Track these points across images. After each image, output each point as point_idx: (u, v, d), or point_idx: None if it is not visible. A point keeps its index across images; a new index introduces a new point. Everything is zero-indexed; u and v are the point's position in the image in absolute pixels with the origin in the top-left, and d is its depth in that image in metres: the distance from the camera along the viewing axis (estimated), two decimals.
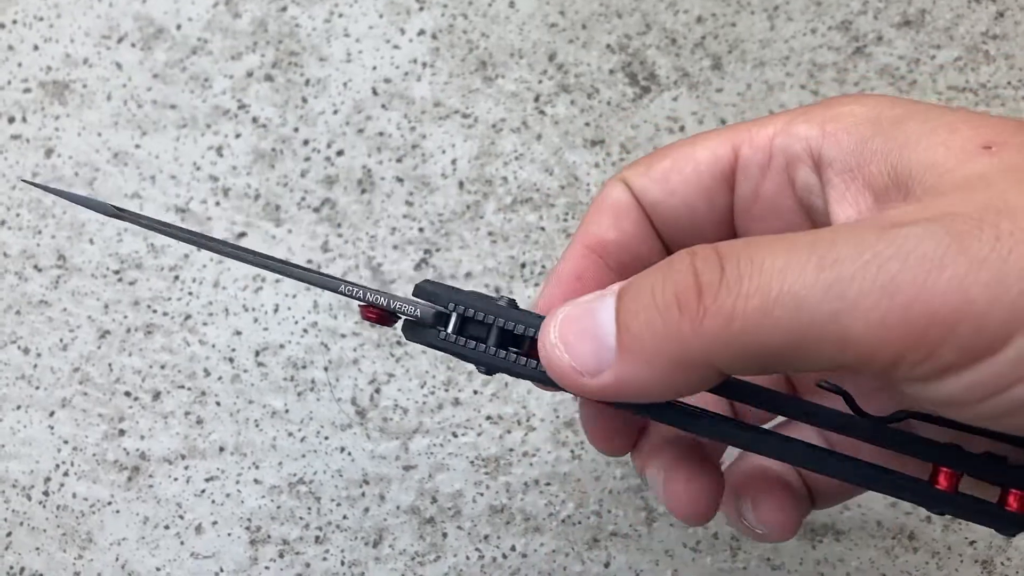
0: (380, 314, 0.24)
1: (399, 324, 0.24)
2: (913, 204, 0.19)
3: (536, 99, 0.38)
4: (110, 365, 0.38)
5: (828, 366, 0.18)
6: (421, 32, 0.39)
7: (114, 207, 0.25)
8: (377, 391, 0.37)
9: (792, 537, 0.25)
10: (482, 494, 0.37)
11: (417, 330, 0.23)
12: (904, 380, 0.18)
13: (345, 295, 0.24)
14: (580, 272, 0.25)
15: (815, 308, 0.17)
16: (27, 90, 0.39)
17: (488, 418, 0.37)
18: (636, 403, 0.21)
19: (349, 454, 0.37)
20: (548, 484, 0.37)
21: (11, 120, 0.39)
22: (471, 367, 0.37)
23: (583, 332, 0.20)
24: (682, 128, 0.38)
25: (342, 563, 0.36)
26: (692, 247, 0.20)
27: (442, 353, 0.24)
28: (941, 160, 0.19)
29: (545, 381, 0.22)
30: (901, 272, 0.17)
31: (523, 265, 0.38)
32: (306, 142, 0.39)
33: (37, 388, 0.38)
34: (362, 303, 0.24)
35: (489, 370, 0.23)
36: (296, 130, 0.39)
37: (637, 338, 0.19)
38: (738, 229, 0.25)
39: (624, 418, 0.26)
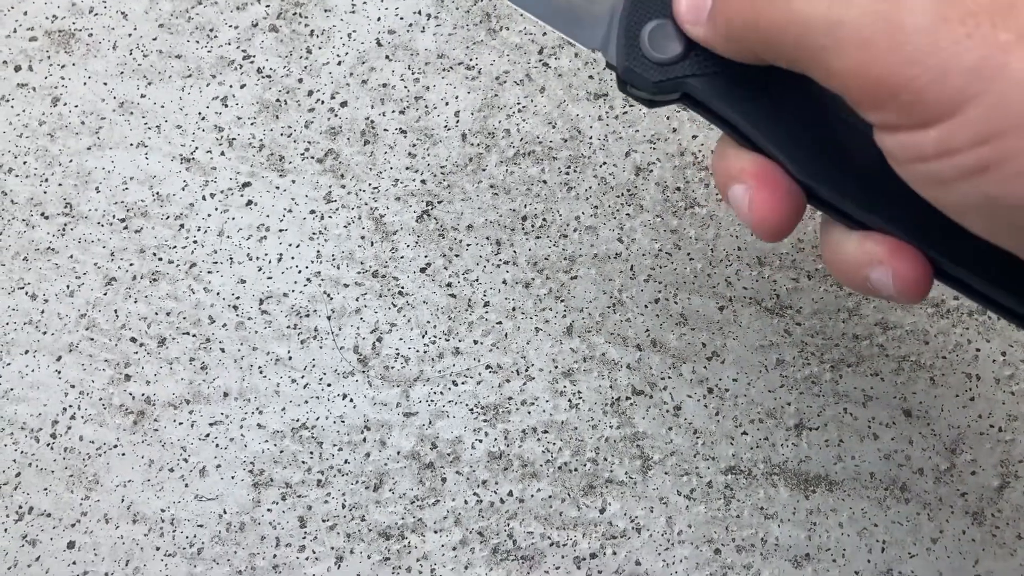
0: None
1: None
2: None
3: (540, 51, 0.39)
4: (116, 311, 0.38)
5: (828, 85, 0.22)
6: None
7: None
8: (379, 340, 0.38)
9: (924, 296, 0.24)
10: (481, 441, 0.37)
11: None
12: (876, 125, 0.21)
13: None
14: None
15: (814, 37, 0.21)
16: (33, 39, 0.40)
17: (488, 367, 0.38)
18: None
19: (351, 401, 0.37)
20: (545, 432, 0.37)
21: (17, 68, 0.40)
22: (473, 318, 0.38)
23: None
24: None
25: (343, 506, 0.37)
26: None
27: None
28: None
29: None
30: (875, 36, 0.19)
31: (524, 218, 0.38)
32: (310, 93, 0.39)
33: (44, 333, 0.38)
34: None
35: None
36: (300, 81, 0.39)
37: (716, 3, 0.24)
38: None
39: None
